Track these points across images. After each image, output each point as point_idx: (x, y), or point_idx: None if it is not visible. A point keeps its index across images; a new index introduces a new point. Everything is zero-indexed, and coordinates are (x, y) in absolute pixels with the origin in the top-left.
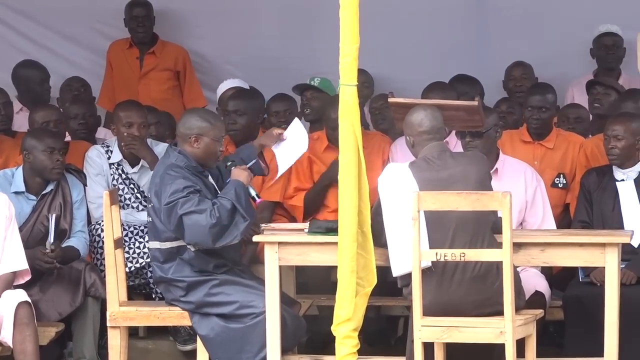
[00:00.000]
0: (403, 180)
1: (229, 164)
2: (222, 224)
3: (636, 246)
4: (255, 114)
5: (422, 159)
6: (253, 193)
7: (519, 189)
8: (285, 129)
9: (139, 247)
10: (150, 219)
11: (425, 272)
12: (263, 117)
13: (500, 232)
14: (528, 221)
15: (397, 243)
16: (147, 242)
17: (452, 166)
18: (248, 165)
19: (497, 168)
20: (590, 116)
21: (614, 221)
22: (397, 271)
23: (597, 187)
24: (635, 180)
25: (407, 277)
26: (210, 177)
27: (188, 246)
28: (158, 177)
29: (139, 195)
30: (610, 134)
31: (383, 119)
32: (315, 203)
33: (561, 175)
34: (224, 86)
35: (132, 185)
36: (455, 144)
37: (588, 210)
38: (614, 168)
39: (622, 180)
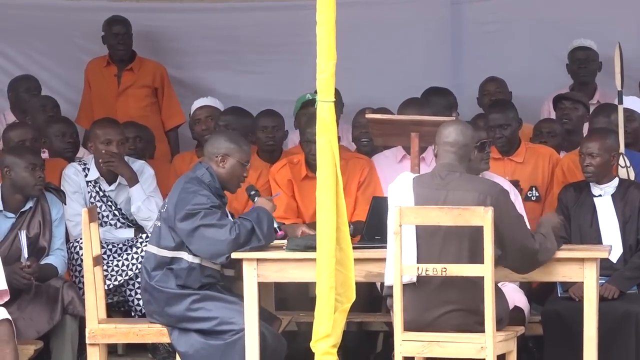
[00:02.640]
0: (404, 192)
1: (252, 192)
2: (239, 242)
3: (615, 261)
4: (245, 131)
5: (430, 173)
6: (276, 225)
7: None
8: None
9: (117, 265)
10: (158, 223)
11: (410, 287)
12: (253, 137)
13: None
14: None
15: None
16: (125, 259)
17: (452, 188)
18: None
19: None
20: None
21: (592, 237)
22: (389, 280)
23: (574, 203)
24: (612, 195)
25: (391, 288)
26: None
27: (186, 259)
28: (180, 185)
29: (116, 212)
30: (585, 152)
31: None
32: None
33: (533, 189)
34: (197, 104)
35: (109, 203)
36: (431, 160)
37: (566, 226)
38: (591, 184)
39: (600, 195)
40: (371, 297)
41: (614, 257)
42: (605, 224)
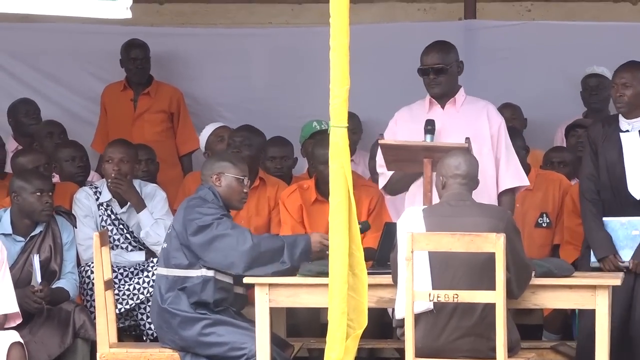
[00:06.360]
0: (413, 224)
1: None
2: (258, 251)
3: (638, 198)
4: (259, 149)
5: (439, 203)
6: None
7: (481, 124)
8: None
9: (128, 289)
10: (165, 245)
11: (423, 316)
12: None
13: None
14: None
15: (402, 286)
16: (136, 283)
17: (464, 215)
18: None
19: (455, 99)
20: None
21: (618, 171)
22: (400, 314)
23: (603, 138)
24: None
25: (402, 320)
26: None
27: (200, 274)
28: (184, 205)
29: (128, 235)
30: (618, 82)
31: None
32: None
33: (544, 215)
34: (207, 131)
35: (121, 226)
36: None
37: (595, 162)
38: (620, 118)
39: (627, 131)
40: (382, 323)
41: (638, 193)
42: (630, 160)
